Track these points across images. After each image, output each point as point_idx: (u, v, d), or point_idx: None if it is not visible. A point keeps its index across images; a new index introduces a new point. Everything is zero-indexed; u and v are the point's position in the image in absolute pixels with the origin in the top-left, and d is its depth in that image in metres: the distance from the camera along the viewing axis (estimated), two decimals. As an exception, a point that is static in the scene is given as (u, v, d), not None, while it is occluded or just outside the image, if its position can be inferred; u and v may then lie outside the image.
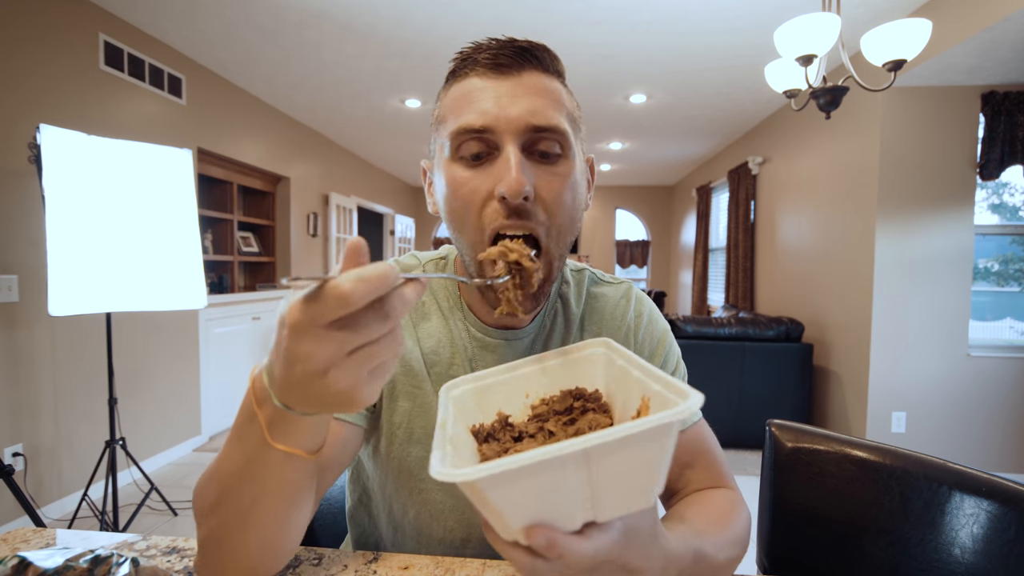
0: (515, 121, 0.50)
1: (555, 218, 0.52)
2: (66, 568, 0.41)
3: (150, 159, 2.13)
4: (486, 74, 0.51)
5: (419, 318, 0.64)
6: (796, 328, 3.23)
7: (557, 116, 0.51)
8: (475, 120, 0.50)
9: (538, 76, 0.52)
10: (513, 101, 0.50)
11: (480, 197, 0.51)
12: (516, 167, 0.49)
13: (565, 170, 0.53)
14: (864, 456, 0.68)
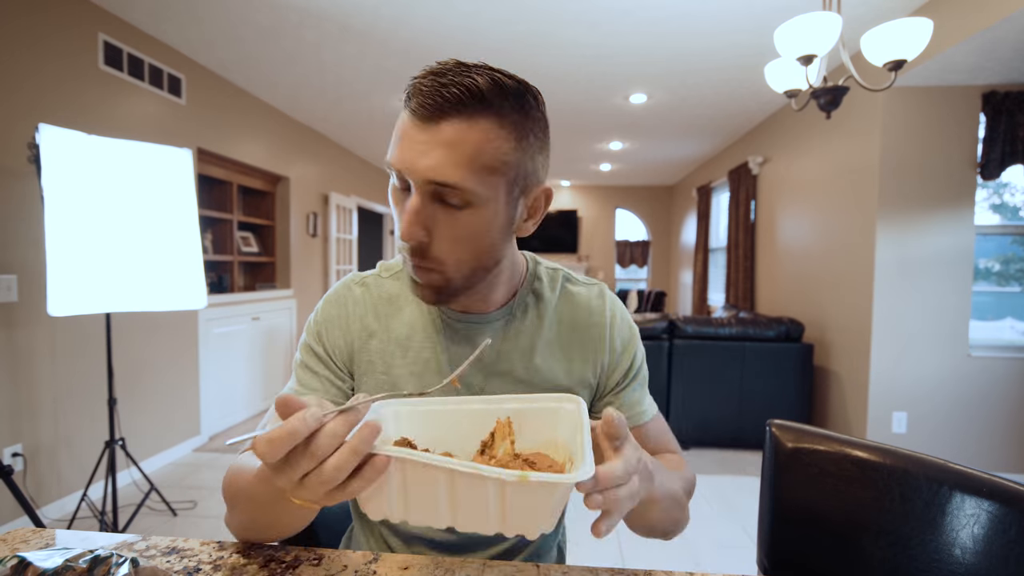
0: (419, 173, 0.54)
1: (452, 257, 0.58)
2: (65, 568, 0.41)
3: (150, 159, 2.13)
4: (411, 118, 0.55)
5: (393, 312, 0.71)
6: (796, 328, 3.23)
7: (460, 174, 0.53)
8: (394, 161, 0.56)
9: (457, 126, 0.52)
10: (425, 152, 0.53)
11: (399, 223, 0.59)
12: (409, 214, 0.55)
13: (468, 220, 0.56)
14: (864, 456, 0.68)
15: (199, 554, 0.58)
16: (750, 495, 2.55)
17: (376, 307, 0.71)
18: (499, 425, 0.50)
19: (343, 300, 0.72)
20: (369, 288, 0.73)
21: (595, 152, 5.73)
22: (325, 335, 0.70)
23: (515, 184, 0.58)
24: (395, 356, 0.69)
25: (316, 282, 4.86)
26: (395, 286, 0.73)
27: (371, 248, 7.65)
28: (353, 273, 0.75)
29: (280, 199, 4.36)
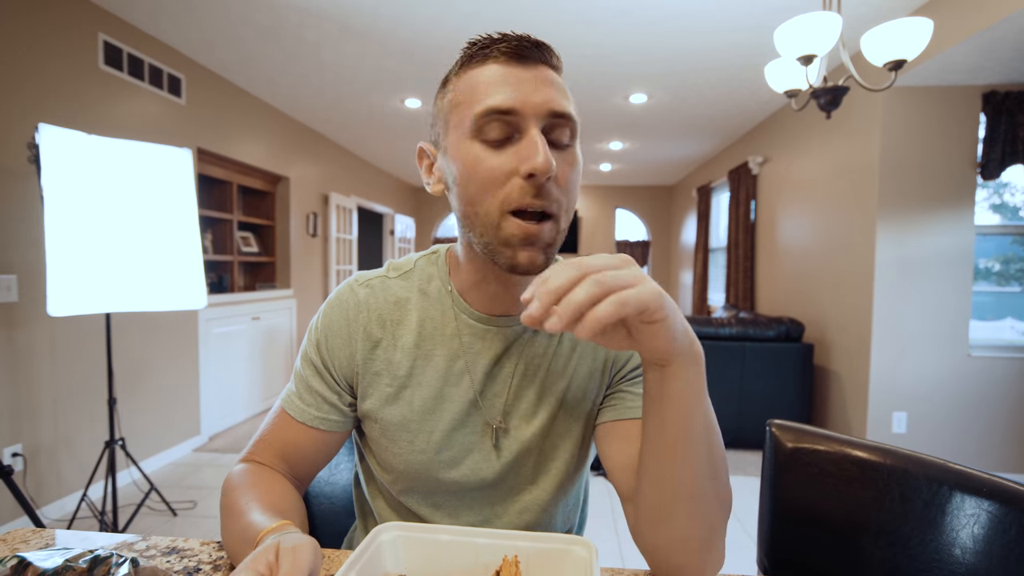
0: (540, 106, 0.53)
1: (566, 197, 0.57)
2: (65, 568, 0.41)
3: (150, 159, 2.13)
4: (507, 62, 0.55)
5: (400, 317, 0.66)
6: (796, 328, 3.23)
7: (570, 107, 0.56)
8: (501, 102, 0.53)
9: (550, 71, 0.56)
10: (536, 88, 0.54)
11: (503, 174, 0.54)
12: (544, 147, 0.52)
13: (573, 157, 0.57)
14: (864, 456, 0.68)
15: (199, 554, 0.58)
16: (750, 495, 2.55)
17: (382, 312, 0.66)
18: (505, 564, 0.48)
19: (345, 305, 0.66)
20: (374, 291, 0.67)
21: (595, 152, 5.73)
22: (324, 345, 0.66)
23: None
24: (402, 366, 0.64)
25: (316, 282, 4.86)
26: (403, 288, 0.67)
27: (371, 248, 7.64)
28: (358, 274, 0.70)
29: (280, 199, 4.36)
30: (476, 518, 0.67)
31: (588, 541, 0.49)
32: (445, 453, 0.64)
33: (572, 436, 0.66)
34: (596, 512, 2.44)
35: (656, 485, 0.51)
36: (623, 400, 0.64)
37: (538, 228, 0.54)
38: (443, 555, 0.50)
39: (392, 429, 0.65)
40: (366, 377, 0.65)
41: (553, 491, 0.66)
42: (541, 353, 0.66)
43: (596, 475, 2.86)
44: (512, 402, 0.65)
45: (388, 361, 0.65)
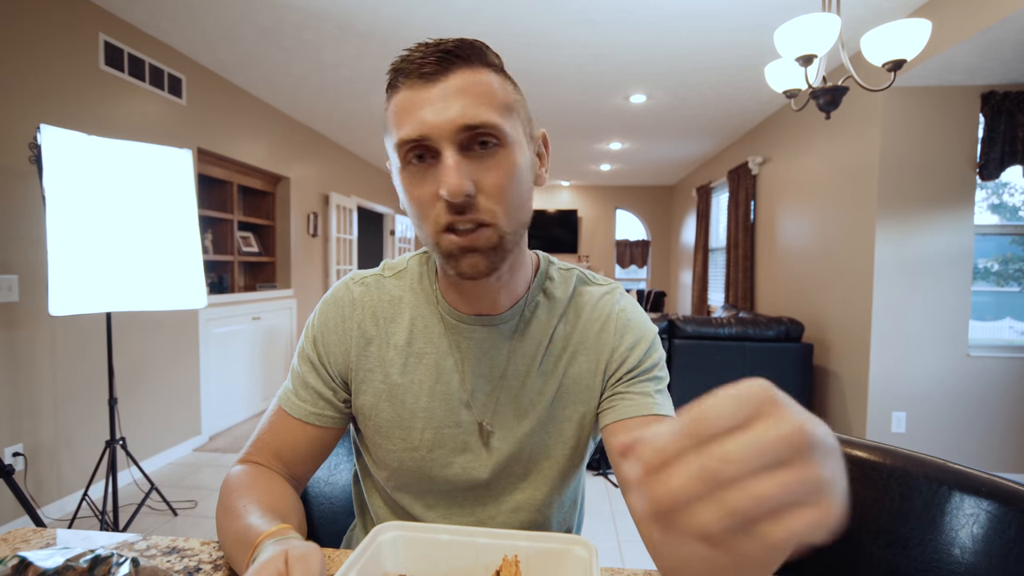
0: (447, 126, 0.53)
1: (501, 204, 0.56)
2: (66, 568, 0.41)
3: (150, 159, 2.13)
4: (414, 84, 0.54)
5: (394, 315, 0.68)
6: (796, 328, 3.23)
7: (486, 112, 0.54)
8: (411, 131, 0.53)
9: (465, 75, 0.54)
10: (444, 106, 0.53)
11: (429, 197, 0.55)
12: (453, 170, 0.52)
13: (503, 161, 0.56)
14: (864, 456, 0.68)
15: (199, 554, 0.58)
16: (750, 495, 2.55)
17: (376, 310, 0.68)
18: (505, 563, 0.48)
19: (341, 303, 0.68)
20: (369, 289, 0.69)
21: (595, 152, 5.73)
22: (320, 341, 0.67)
23: (525, 125, 0.60)
24: (395, 364, 0.66)
25: (316, 282, 4.86)
26: (398, 286, 0.69)
27: (371, 248, 7.64)
28: (354, 272, 0.72)
29: (280, 199, 4.36)
30: (469, 519, 0.67)
31: (588, 541, 0.49)
32: (437, 451, 0.65)
33: (564, 436, 0.67)
34: (596, 512, 2.44)
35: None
36: (623, 400, 0.64)
37: (472, 237, 0.55)
38: (443, 555, 0.50)
39: (385, 426, 0.66)
40: (359, 374, 0.66)
41: (546, 491, 0.67)
42: (532, 353, 0.66)
43: (595, 475, 2.86)
44: (502, 401, 0.65)
45: (381, 359, 0.66)
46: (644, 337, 0.68)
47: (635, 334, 0.68)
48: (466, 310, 0.66)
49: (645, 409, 0.63)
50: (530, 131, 0.61)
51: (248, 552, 0.49)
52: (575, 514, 0.74)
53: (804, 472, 0.23)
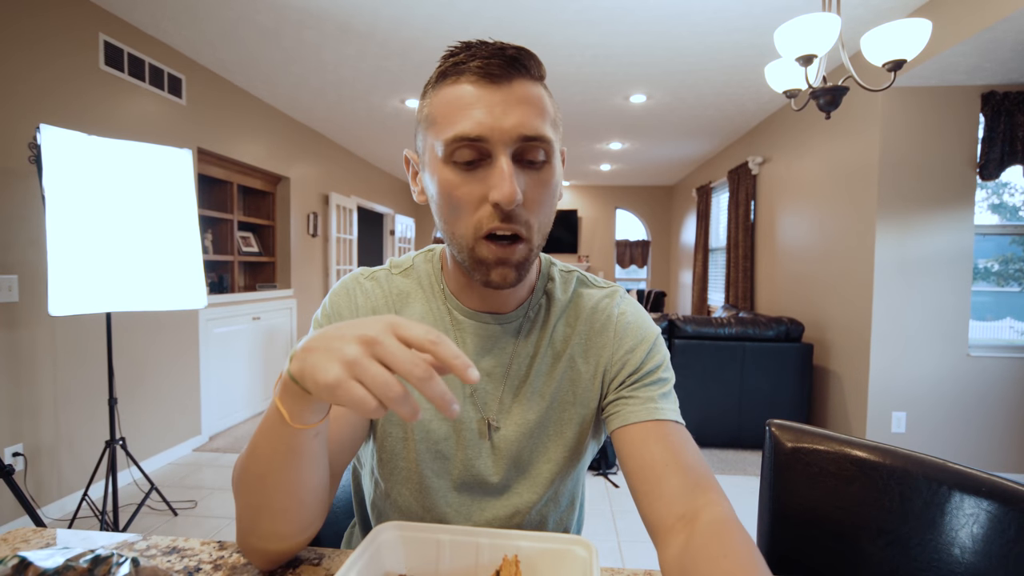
0: (508, 132, 0.53)
1: (537, 217, 0.58)
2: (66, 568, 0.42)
3: (150, 159, 2.13)
4: (478, 82, 0.54)
5: (403, 308, 0.69)
6: (796, 328, 3.23)
7: (544, 126, 0.55)
8: (470, 129, 0.53)
9: (526, 85, 0.55)
10: (505, 112, 0.53)
11: (474, 199, 0.55)
12: (509, 177, 0.53)
13: (548, 176, 0.57)
14: (864, 456, 0.68)
15: (199, 554, 0.58)
16: (750, 495, 2.55)
17: (387, 301, 0.69)
18: (505, 564, 0.48)
19: (352, 293, 0.69)
20: (379, 282, 0.70)
21: (595, 152, 5.73)
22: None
23: (560, 142, 0.61)
24: None
25: (316, 282, 4.86)
26: (406, 283, 0.70)
27: (371, 248, 7.65)
28: (361, 268, 0.72)
29: (280, 199, 4.36)
30: (468, 517, 0.67)
31: (588, 541, 0.49)
32: (437, 447, 0.65)
33: (564, 438, 0.67)
34: (596, 512, 2.44)
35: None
36: (627, 405, 0.64)
37: (510, 250, 0.57)
38: (443, 555, 0.50)
39: (395, 416, 0.66)
40: None
41: (543, 491, 0.67)
42: (532, 353, 0.67)
43: (595, 475, 2.86)
44: (505, 399, 0.66)
45: None
46: (645, 339, 0.68)
47: (635, 337, 0.68)
48: (476, 307, 0.67)
49: (648, 414, 0.62)
50: (560, 146, 0.62)
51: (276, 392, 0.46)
52: (573, 513, 0.74)
53: None
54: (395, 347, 0.38)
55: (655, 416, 0.62)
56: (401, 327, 0.40)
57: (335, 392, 0.38)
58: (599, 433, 0.71)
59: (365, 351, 0.39)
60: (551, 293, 0.70)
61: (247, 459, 0.51)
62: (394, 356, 0.38)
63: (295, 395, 0.44)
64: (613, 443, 0.65)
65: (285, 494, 0.50)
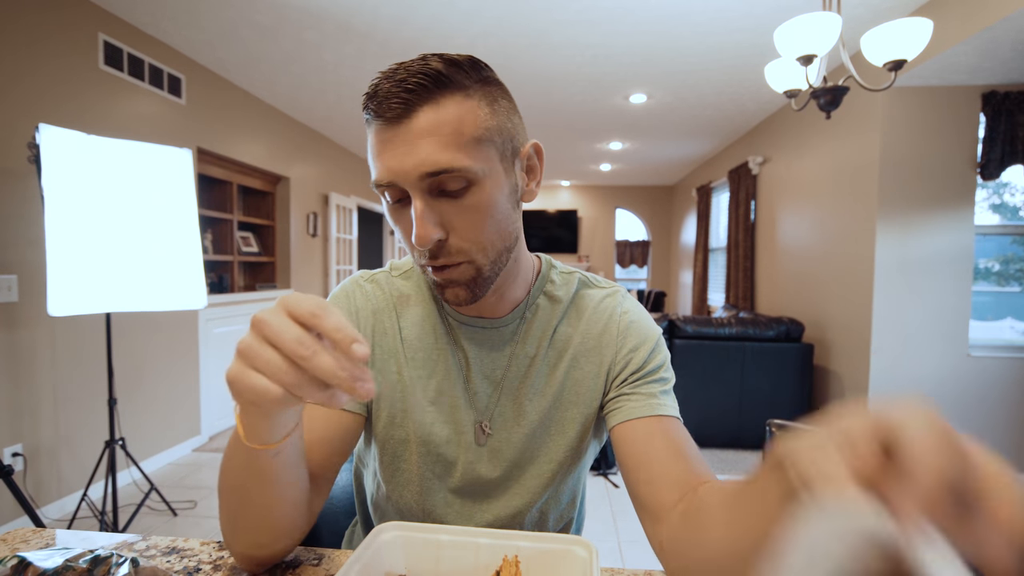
0: (411, 173, 0.52)
1: (475, 243, 0.56)
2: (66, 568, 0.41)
3: (150, 159, 2.13)
4: (380, 127, 0.53)
5: (404, 311, 0.69)
6: (796, 328, 3.23)
7: (451, 156, 0.52)
8: (380, 178, 0.54)
9: (429, 113, 0.52)
10: (407, 153, 0.52)
11: (407, 236, 0.57)
12: (419, 219, 0.53)
13: (475, 200, 0.55)
14: (865, 456, 0.67)
15: (199, 554, 0.58)
16: (750, 495, 2.55)
17: (388, 304, 0.69)
18: (505, 564, 0.48)
19: (353, 296, 0.69)
20: (380, 285, 0.70)
21: (595, 152, 5.73)
22: None
23: (505, 149, 0.57)
24: (404, 357, 0.67)
25: (316, 282, 4.86)
26: (406, 285, 0.70)
27: (371, 248, 7.64)
28: (361, 271, 0.73)
29: (280, 199, 4.36)
30: (467, 517, 0.67)
31: (588, 541, 0.49)
32: (438, 451, 0.66)
33: (567, 438, 0.67)
34: (596, 512, 2.44)
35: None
36: (629, 401, 0.64)
37: (448, 273, 0.57)
38: (443, 555, 0.50)
39: (399, 416, 0.66)
40: (378, 362, 0.67)
41: (544, 490, 0.67)
42: (532, 355, 0.67)
43: (596, 475, 2.86)
44: (503, 402, 0.66)
45: (395, 350, 0.67)
46: (648, 339, 0.68)
47: (638, 337, 0.68)
48: (467, 312, 0.67)
49: (650, 410, 0.62)
50: (512, 149, 0.58)
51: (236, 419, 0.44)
52: (573, 510, 0.75)
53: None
54: (280, 324, 0.36)
55: (657, 412, 0.62)
56: (290, 303, 0.37)
57: (234, 386, 0.37)
58: (600, 432, 0.71)
59: (256, 335, 0.37)
60: (551, 294, 0.70)
61: (220, 471, 0.51)
62: (277, 335, 0.36)
63: (246, 410, 0.42)
64: (612, 439, 0.65)
65: (257, 508, 0.49)
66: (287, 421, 0.45)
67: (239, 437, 0.44)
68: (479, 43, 2.96)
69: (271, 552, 0.53)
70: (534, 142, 0.62)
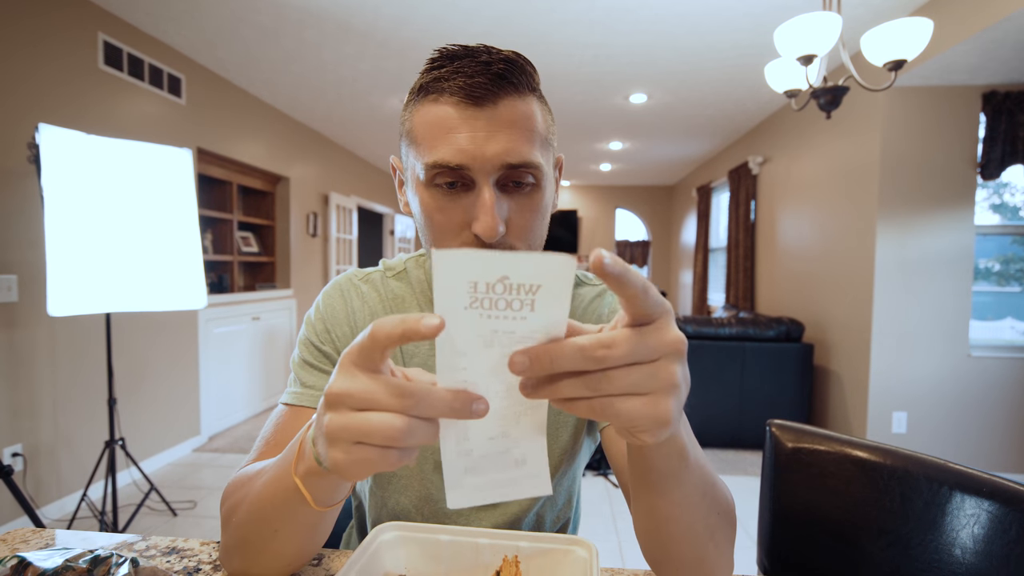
0: (491, 160, 0.50)
1: (525, 242, 0.55)
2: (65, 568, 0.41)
3: (150, 159, 2.13)
4: (460, 104, 0.50)
5: (398, 308, 0.68)
6: (796, 328, 3.23)
7: (531, 151, 0.51)
8: (451, 158, 0.50)
9: (514, 103, 0.51)
10: (489, 138, 0.50)
11: (454, 225, 0.53)
12: (491, 210, 0.50)
13: (537, 201, 0.54)
14: (864, 456, 0.68)
15: (199, 554, 0.58)
16: (750, 495, 2.55)
17: (384, 306, 0.67)
18: (505, 564, 0.48)
19: (348, 295, 0.67)
20: (375, 285, 0.69)
21: (595, 152, 5.73)
22: (333, 329, 0.65)
23: (554, 156, 0.58)
24: (400, 361, 0.65)
25: (316, 282, 4.86)
26: (400, 287, 0.69)
27: (371, 248, 7.64)
28: (354, 270, 0.71)
29: (280, 199, 4.36)
30: (463, 517, 0.67)
31: (588, 541, 0.49)
32: (435, 457, 0.65)
33: (561, 440, 0.67)
34: (596, 512, 2.44)
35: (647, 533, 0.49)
36: None
37: None
38: (443, 555, 0.50)
39: None
40: None
41: None
42: None
43: (595, 475, 2.86)
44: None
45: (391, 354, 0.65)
46: None
47: None
48: None
49: None
50: (554, 159, 0.59)
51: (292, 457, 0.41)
52: (570, 511, 0.75)
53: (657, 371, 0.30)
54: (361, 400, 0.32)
55: None
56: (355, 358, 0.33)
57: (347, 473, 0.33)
58: (594, 431, 0.71)
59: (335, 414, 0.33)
60: None
61: (251, 517, 0.46)
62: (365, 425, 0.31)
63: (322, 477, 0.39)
64: (602, 439, 0.65)
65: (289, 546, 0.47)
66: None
67: (301, 500, 0.41)
68: (479, 43, 2.96)
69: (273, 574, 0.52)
70: (560, 156, 0.62)
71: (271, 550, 0.47)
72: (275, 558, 0.48)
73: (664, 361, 0.30)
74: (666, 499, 0.43)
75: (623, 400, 0.30)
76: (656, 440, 0.32)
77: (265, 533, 0.46)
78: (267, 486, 0.45)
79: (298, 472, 0.40)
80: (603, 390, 0.29)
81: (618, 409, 0.30)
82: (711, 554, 0.48)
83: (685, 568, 0.48)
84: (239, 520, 0.48)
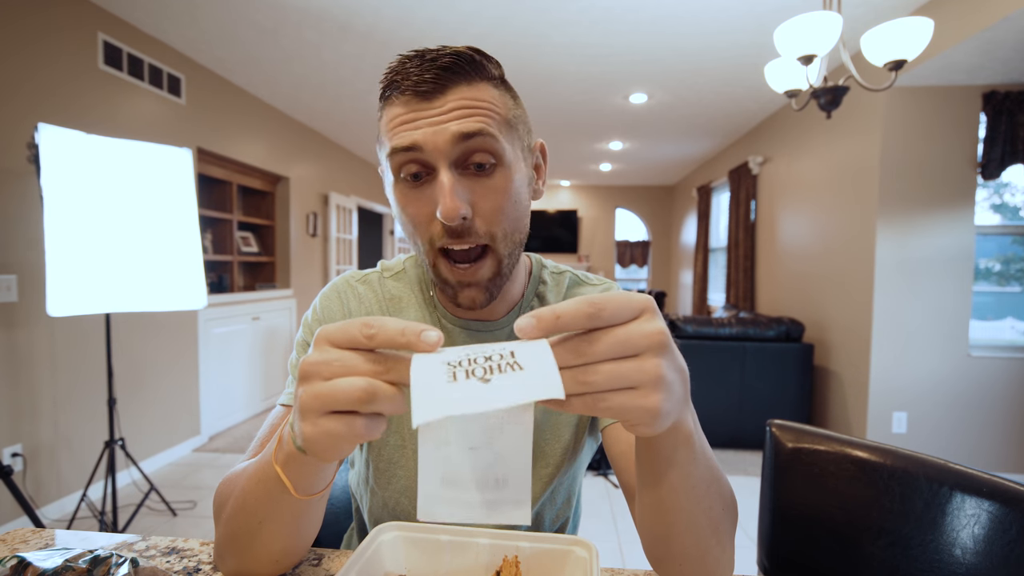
0: (446, 141, 0.51)
1: (497, 227, 0.55)
2: (65, 568, 0.41)
3: (150, 159, 2.13)
4: (410, 100, 0.52)
5: (395, 309, 0.68)
6: (796, 328, 3.23)
7: (485, 125, 0.52)
8: (402, 141, 0.52)
9: (463, 90, 0.52)
10: (440, 123, 0.51)
11: (424, 217, 0.54)
12: (449, 192, 0.50)
13: (501, 182, 0.54)
14: (864, 456, 0.68)
15: (199, 554, 0.58)
16: (750, 495, 2.54)
17: (381, 306, 0.68)
18: (505, 564, 0.48)
19: (345, 296, 0.68)
20: (372, 286, 0.69)
21: (595, 152, 5.73)
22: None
23: (524, 139, 0.58)
24: None
25: (316, 282, 4.86)
26: (397, 287, 0.69)
27: (371, 248, 7.64)
28: (352, 271, 0.71)
29: (280, 199, 4.36)
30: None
31: (588, 541, 0.49)
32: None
33: (562, 440, 0.67)
34: (596, 512, 2.44)
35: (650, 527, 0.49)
36: None
37: (474, 269, 0.55)
38: (443, 555, 0.50)
39: (388, 428, 0.66)
40: None
41: (540, 492, 0.67)
42: None
43: (595, 475, 2.86)
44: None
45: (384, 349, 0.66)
46: None
47: None
48: (461, 315, 0.66)
49: None
50: (528, 144, 0.59)
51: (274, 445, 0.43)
52: (569, 509, 0.74)
53: (642, 364, 0.32)
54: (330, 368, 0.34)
55: None
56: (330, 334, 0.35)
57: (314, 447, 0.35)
58: (595, 431, 0.71)
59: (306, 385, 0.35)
60: (543, 296, 0.69)
61: (237, 510, 0.48)
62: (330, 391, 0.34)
63: (301, 462, 0.41)
64: (603, 439, 0.65)
65: (276, 540, 0.48)
66: (334, 464, 0.44)
67: (282, 488, 0.43)
68: (479, 43, 2.96)
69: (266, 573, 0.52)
70: (540, 141, 0.63)
71: (258, 543, 0.48)
72: (264, 553, 0.49)
73: (648, 354, 0.32)
74: (672, 489, 0.44)
75: (613, 395, 0.32)
76: (653, 431, 0.34)
77: (251, 525, 0.47)
78: (251, 478, 0.46)
79: (278, 459, 0.42)
80: (593, 385, 0.31)
81: (609, 403, 0.32)
82: (714, 549, 0.48)
83: (688, 564, 0.48)
84: (227, 515, 0.49)
